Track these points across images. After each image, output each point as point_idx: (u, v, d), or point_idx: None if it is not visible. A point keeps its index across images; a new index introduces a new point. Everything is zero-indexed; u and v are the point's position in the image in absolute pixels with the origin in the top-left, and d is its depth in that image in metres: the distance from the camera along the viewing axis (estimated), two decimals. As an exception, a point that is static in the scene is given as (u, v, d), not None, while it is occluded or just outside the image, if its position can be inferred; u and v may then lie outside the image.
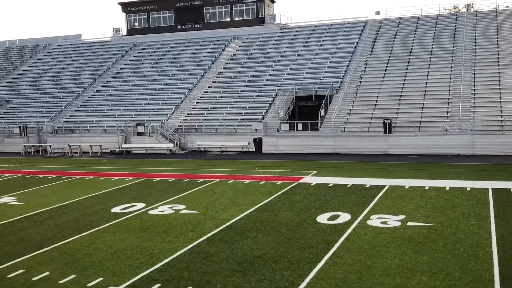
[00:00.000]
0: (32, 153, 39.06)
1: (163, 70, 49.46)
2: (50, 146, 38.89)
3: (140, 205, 19.45)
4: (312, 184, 22.53)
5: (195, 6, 54.73)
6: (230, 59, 49.39)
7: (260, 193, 20.89)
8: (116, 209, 18.84)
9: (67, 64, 55.42)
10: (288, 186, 22.14)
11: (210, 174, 26.41)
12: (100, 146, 37.14)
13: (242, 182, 23.60)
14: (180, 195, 20.99)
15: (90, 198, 21.25)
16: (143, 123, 38.37)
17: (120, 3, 57.65)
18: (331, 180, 23.33)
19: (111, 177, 26.49)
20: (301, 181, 23.45)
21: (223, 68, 47.97)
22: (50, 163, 33.65)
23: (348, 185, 21.97)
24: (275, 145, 34.66)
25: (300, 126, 34.53)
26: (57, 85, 51.12)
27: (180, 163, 31.75)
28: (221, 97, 42.92)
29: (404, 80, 39.25)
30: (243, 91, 43.12)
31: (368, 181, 22.68)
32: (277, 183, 23.01)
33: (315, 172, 26.03)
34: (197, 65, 49.34)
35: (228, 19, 54.21)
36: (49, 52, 59.97)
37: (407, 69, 40.83)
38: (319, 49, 47.43)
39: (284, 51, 48.48)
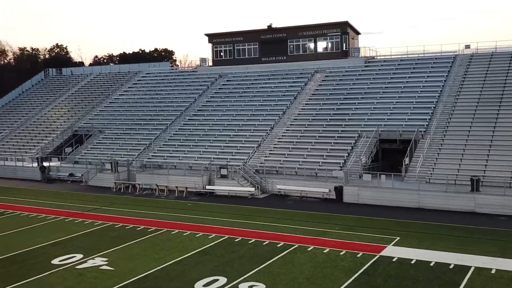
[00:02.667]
0: (122, 189, 41.08)
1: (246, 104, 50.40)
2: (139, 184, 40.72)
3: (222, 279, 20.01)
4: (394, 260, 22.15)
5: (279, 38, 55.33)
6: (312, 94, 49.50)
7: (340, 270, 20.85)
8: (199, 285, 19.53)
9: (156, 93, 57.81)
10: (369, 261, 21.91)
11: (290, 234, 26.62)
12: (186, 188, 38.46)
13: (322, 251, 23.61)
14: (260, 267, 21.37)
15: (175, 264, 22.12)
16: (226, 166, 39.28)
17: (207, 34, 59.40)
18: (414, 254, 22.80)
19: (195, 233, 27.39)
20: (383, 253, 23.12)
21: (305, 103, 48.15)
22: (138, 205, 35.24)
23: (432, 263, 21.42)
24: (357, 195, 34.33)
25: (383, 178, 33.99)
26: (147, 116, 53.44)
27: (261, 212, 32.20)
28: (302, 136, 43.11)
29: (495, 127, 37.59)
30: (324, 130, 43.06)
31: (452, 258, 21.98)
32: (358, 255, 22.83)
33: (398, 239, 25.52)
34: (280, 99, 49.85)
35: (312, 52, 54.30)
36: (139, 80, 62.85)
37: (497, 114, 39.08)
38: (404, 86, 46.46)
39: (368, 87, 47.92)
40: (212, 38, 59.11)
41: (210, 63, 59.88)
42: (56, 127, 56.18)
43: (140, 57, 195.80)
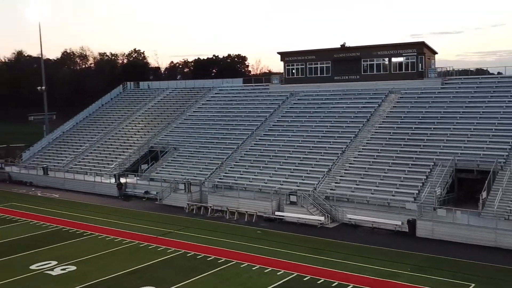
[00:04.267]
0: (194, 210, 42.04)
1: (317, 125, 50.18)
2: (210, 207, 41.52)
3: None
4: (468, 315, 21.41)
5: (352, 57, 54.70)
6: (386, 116, 48.56)
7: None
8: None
9: (229, 111, 58.69)
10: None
11: (360, 274, 26.27)
12: (256, 212, 38.87)
13: (392, 299, 23.18)
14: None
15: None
16: (295, 193, 39.29)
17: (279, 52, 59.70)
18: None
19: (264, 267, 27.64)
20: (457, 304, 22.38)
21: (379, 126, 47.31)
22: (209, 230, 35.87)
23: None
24: (430, 230, 33.31)
25: (458, 214, 32.84)
26: (219, 134, 54.36)
27: (331, 245, 31.95)
28: (375, 162, 42.37)
29: None
30: (398, 157, 42.10)
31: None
32: (430, 306, 22.22)
33: (473, 286, 24.60)
34: (352, 121, 49.26)
35: (386, 72, 53.28)
36: (212, 96, 64.08)
37: None
38: (483, 111, 44.63)
39: (445, 111, 46.41)
40: (284, 56, 59.30)
41: (282, 81, 59.97)
42: (133, 142, 58.30)
43: (213, 62, 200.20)
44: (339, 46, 55.94)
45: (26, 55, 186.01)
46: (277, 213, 39.06)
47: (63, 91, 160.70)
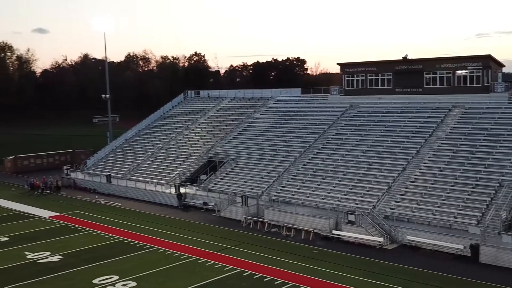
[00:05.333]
0: (251, 225, 42.30)
1: (377, 139, 49.34)
2: (267, 223, 41.65)
3: None
4: None
5: (415, 70, 53.44)
6: (449, 132, 47.14)
7: None
8: None
9: (286, 122, 58.70)
10: None
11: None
12: (312, 230, 38.70)
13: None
14: None
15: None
16: (353, 212, 38.80)
17: (339, 63, 59.20)
18: None
19: (321, 292, 27.51)
20: None
21: (441, 143, 45.97)
22: (266, 247, 35.97)
23: None
24: (494, 257, 32.10)
25: (525, 242, 31.48)
26: (276, 145, 54.46)
27: (390, 270, 31.31)
28: (436, 181, 41.22)
29: None
30: (461, 176, 40.77)
31: None
32: None
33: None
34: (413, 136, 48.14)
35: (450, 85, 51.72)
36: (271, 106, 64.28)
37: None
38: (554, 130, 42.58)
39: (512, 128, 44.61)
40: (344, 67, 58.68)
41: (342, 92, 59.35)
42: (193, 152, 59.32)
43: (272, 66, 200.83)
44: (401, 58, 54.76)
45: (91, 57, 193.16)
46: (334, 231, 38.71)
47: (126, 93, 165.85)
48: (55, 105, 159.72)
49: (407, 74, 54.18)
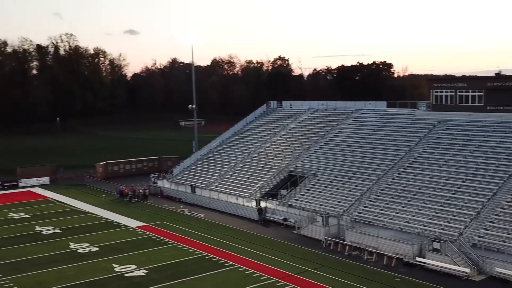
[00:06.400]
0: (331, 246, 41.90)
1: (466, 160, 47.19)
2: (347, 245, 41.08)
3: None
4: None
5: (509, 87, 50.59)
6: (546, 155, 44.31)
7: None
8: None
9: (370, 137, 57.49)
10: None
11: None
12: (395, 255, 37.73)
13: None
14: None
15: None
16: (439, 239, 37.36)
17: (428, 79, 57.44)
18: None
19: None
20: None
21: (537, 166, 43.30)
22: (346, 273, 35.52)
23: None
24: None
25: None
26: (359, 162, 53.51)
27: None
28: (531, 209, 38.89)
29: None
30: (559, 205, 38.22)
31: None
32: None
33: None
34: (505, 158, 45.61)
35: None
36: (354, 120, 63.24)
37: None
38: None
39: None
40: (433, 82, 56.74)
41: (430, 108, 57.35)
42: (274, 165, 59.63)
43: (357, 69, 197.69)
44: (494, 75, 52.09)
45: (179, 61, 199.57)
46: (418, 258, 37.48)
47: (211, 97, 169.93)
48: (143, 108, 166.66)
49: (501, 91, 51.35)
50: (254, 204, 51.97)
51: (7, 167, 75.64)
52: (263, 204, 51.49)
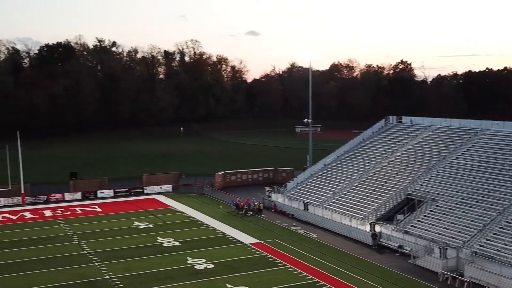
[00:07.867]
0: (448, 281, 39.96)
1: None
2: (466, 281, 38.92)
3: None
4: None
5: None
6: None
7: None
8: None
9: (496, 161, 53.75)
10: None
11: None
12: (519, 300, 35.21)
13: None
14: None
15: None
16: None
17: None
18: None
19: None
20: None
21: None
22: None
23: None
24: None
25: None
26: (483, 189, 50.35)
27: None
28: None
29: None
30: None
31: None
32: None
33: None
34: None
35: None
36: (479, 141, 59.48)
37: None
38: None
39: None
40: None
41: None
42: (391, 186, 57.95)
43: (485, 75, 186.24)
44: None
45: (298, 66, 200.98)
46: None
47: (328, 102, 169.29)
48: (261, 114, 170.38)
49: None
50: (368, 227, 50.99)
51: (131, 169, 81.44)
52: (377, 228, 50.33)
